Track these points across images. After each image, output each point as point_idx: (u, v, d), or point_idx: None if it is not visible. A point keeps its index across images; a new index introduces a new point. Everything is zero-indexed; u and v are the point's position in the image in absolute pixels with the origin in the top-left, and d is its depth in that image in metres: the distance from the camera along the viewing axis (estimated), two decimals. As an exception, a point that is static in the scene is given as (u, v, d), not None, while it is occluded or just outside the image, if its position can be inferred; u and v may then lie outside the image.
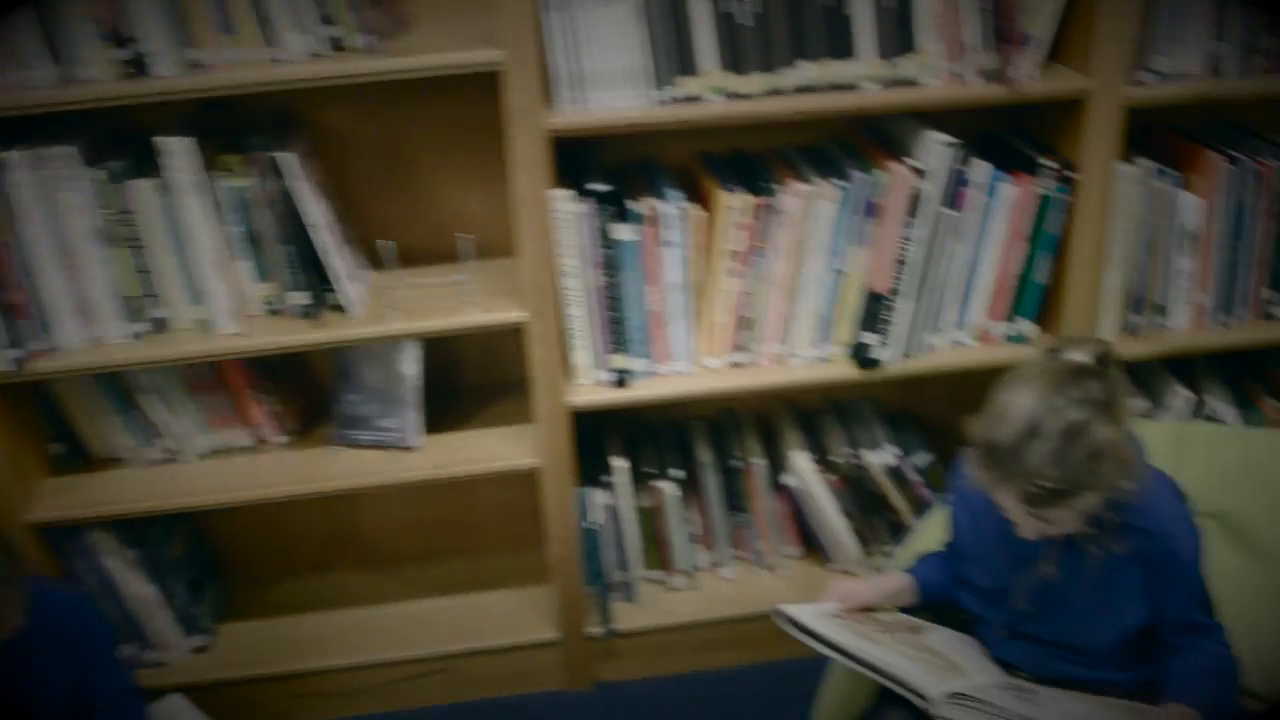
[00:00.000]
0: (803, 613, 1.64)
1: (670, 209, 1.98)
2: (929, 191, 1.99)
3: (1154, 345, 2.20)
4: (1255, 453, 1.95)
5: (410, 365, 2.12)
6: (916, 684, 1.52)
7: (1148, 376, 2.38)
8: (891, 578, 1.78)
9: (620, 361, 2.07)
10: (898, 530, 2.38)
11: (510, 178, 1.88)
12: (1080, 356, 1.50)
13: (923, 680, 1.53)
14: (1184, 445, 2.03)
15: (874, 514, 2.37)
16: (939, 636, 1.72)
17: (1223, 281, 2.19)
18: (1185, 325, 2.22)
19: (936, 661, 1.61)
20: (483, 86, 1.83)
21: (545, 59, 1.83)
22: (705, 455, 2.35)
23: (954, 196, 2.02)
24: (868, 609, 1.74)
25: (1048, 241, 2.08)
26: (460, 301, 2.00)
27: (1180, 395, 2.30)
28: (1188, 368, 2.38)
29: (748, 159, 2.15)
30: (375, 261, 2.11)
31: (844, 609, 1.71)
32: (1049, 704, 1.55)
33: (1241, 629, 1.68)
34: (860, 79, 1.93)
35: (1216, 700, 1.53)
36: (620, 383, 2.08)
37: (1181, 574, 1.56)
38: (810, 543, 2.44)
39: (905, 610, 1.78)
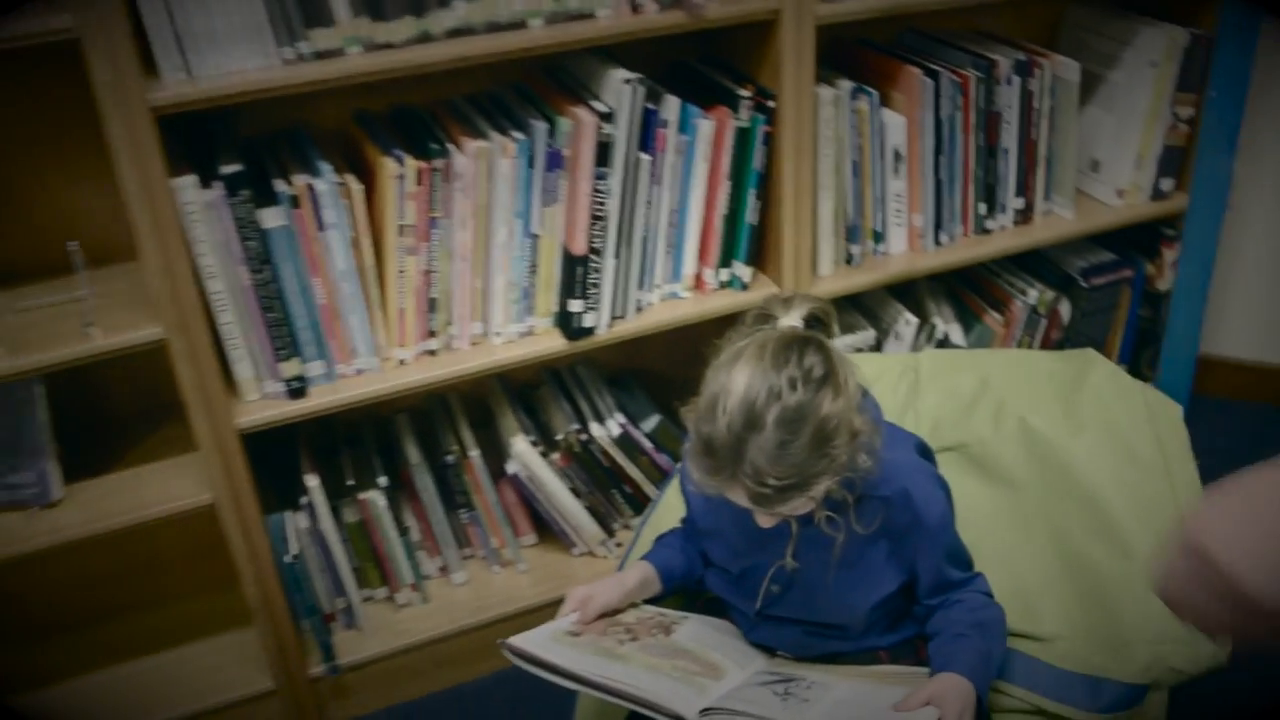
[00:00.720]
0: (532, 641, 1.41)
1: (324, 185, 1.69)
2: (618, 136, 1.77)
3: (875, 274, 2.08)
4: (988, 377, 1.85)
5: (37, 407, 1.76)
6: (670, 706, 1.33)
7: (873, 305, 2.27)
8: (632, 572, 1.58)
9: (292, 368, 1.77)
10: (638, 502, 2.20)
11: (115, 169, 1.54)
12: (790, 320, 1.33)
13: (676, 699, 1.34)
14: (918, 377, 1.92)
15: (609, 489, 2.18)
16: (692, 629, 1.54)
17: (935, 200, 2.09)
18: (903, 249, 2.12)
19: (692, 667, 1.43)
20: (77, 61, 1.49)
21: (141, 21, 1.50)
22: (415, 454, 2.09)
23: (647, 139, 1.82)
24: (611, 613, 1.54)
25: (754, 177, 1.91)
26: (81, 324, 1.65)
27: (908, 321, 2.20)
28: (911, 290, 2.29)
29: (413, 115, 1.88)
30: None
31: (583, 620, 1.50)
32: (815, 694, 1.39)
33: (997, 561, 1.58)
34: (524, 15, 1.68)
35: (984, 658, 1.41)
36: (296, 392, 1.79)
37: (930, 536, 1.43)
38: (548, 528, 2.23)
39: (653, 601, 1.60)
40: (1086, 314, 2.32)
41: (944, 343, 2.24)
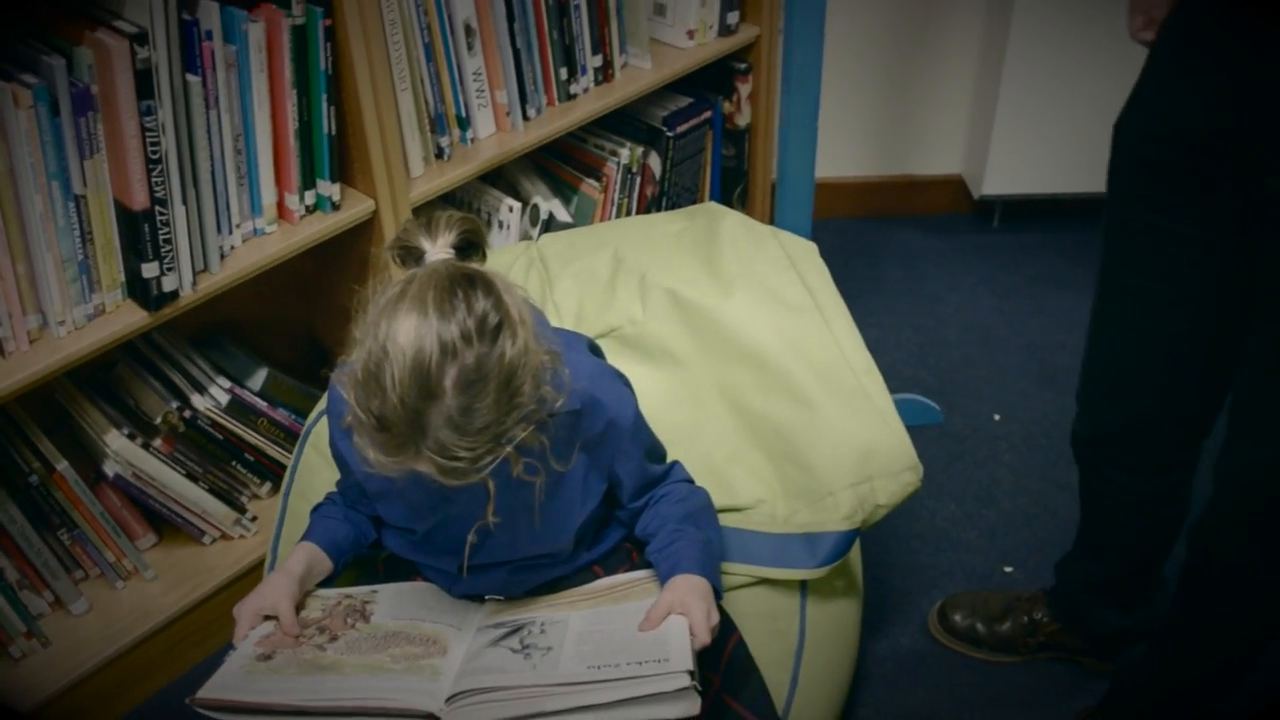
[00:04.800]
0: (226, 686, 1.18)
1: None
2: (157, 58, 1.47)
3: (469, 164, 1.92)
4: (618, 251, 1.76)
5: None
6: (410, 705, 1.16)
7: (469, 198, 2.12)
8: (295, 559, 1.37)
9: None
10: (264, 469, 1.96)
11: None
12: (439, 251, 1.17)
13: (412, 695, 1.17)
14: (545, 267, 1.80)
15: (229, 462, 1.92)
16: (388, 604, 1.37)
17: (516, 73, 1.94)
18: (492, 131, 1.97)
19: (412, 650, 1.26)
20: None
21: None
22: (-15, 486, 1.73)
23: (191, 57, 1.53)
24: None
25: (323, 80, 1.67)
26: None
27: (510, 207, 2.07)
28: (502, 174, 2.15)
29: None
30: None
31: (288, 631, 1.28)
32: (553, 637, 1.27)
33: (679, 440, 1.53)
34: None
35: (706, 547, 1.35)
36: None
37: (628, 439, 1.34)
38: (168, 523, 1.93)
39: (327, 581, 1.40)
40: (676, 163, 2.29)
41: (550, 222, 2.12)
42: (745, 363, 1.62)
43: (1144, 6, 1.41)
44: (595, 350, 1.44)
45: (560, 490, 1.32)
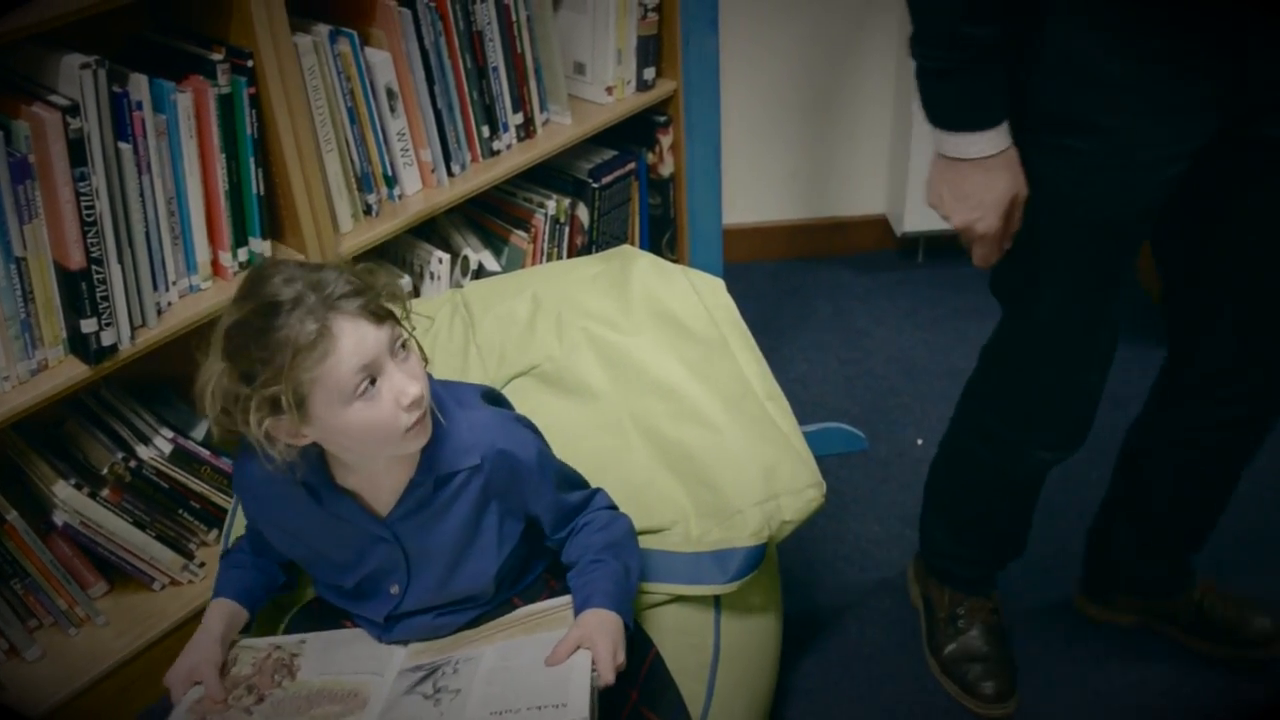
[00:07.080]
0: None
1: None
2: (89, 129, 1.58)
3: (397, 219, 2.02)
4: (538, 295, 1.86)
5: None
6: None
7: (400, 251, 2.22)
8: (213, 619, 1.45)
9: None
10: (210, 515, 2.05)
11: None
12: None
13: None
14: (469, 312, 1.90)
15: (176, 510, 2.00)
16: (315, 658, 1.44)
17: (439, 132, 2.05)
18: (419, 188, 2.08)
19: (333, 709, 1.33)
20: None
21: None
22: (-63, 539, 1.81)
23: (122, 126, 1.64)
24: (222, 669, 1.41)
25: (249, 144, 1.78)
26: None
27: (440, 259, 2.17)
28: (434, 227, 2.26)
29: None
30: None
31: (214, 698, 1.36)
32: (464, 677, 1.33)
33: (598, 469, 1.61)
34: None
35: (622, 579, 1.43)
36: None
37: (537, 478, 1.42)
38: (118, 571, 2.01)
39: (246, 626, 1.49)
40: (604, 213, 2.40)
41: (480, 272, 2.23)
42: (656, 392, 1.72)
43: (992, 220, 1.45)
44: (493, 398, 1.52)
45: (477, 538, 1.41)
